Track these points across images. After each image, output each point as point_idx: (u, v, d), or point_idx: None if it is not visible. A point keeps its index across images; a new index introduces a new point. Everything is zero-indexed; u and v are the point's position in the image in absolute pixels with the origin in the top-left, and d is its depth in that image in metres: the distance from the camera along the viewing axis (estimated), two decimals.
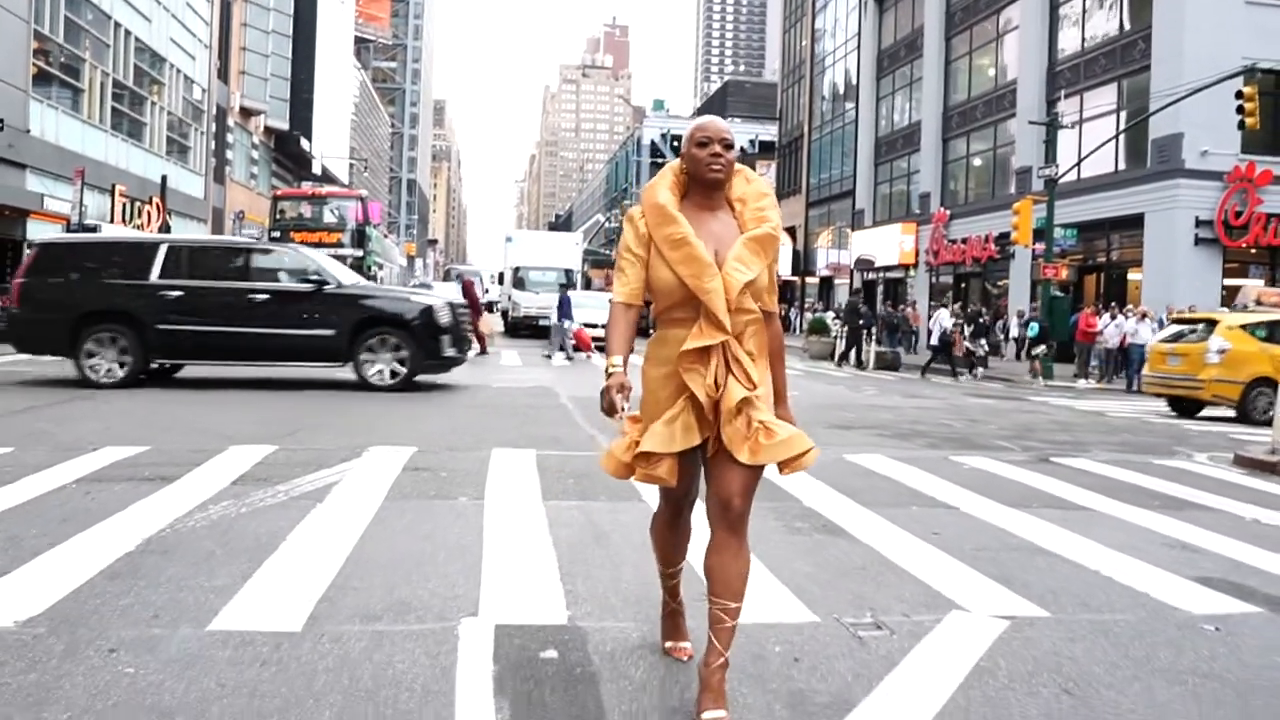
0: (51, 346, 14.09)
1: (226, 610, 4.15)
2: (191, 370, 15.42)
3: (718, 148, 3.26)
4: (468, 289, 24.77)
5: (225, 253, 14.75)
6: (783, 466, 3.22)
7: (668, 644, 3.78)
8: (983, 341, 26.97)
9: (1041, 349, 25.09)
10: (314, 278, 13.86)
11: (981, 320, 28.07)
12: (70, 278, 13.95)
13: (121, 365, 13.61)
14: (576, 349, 24.24)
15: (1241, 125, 21.60)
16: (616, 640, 3.94)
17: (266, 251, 15.19)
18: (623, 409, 3.17)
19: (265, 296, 13.71)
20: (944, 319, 26.11)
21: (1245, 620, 4.60)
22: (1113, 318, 25.19)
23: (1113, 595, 4.94)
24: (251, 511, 6.01)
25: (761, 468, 3.20)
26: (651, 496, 6.39)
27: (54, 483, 6.69)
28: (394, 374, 13.86)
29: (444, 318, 14.08)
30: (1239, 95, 21.27)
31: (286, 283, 13.89)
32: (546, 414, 11.97)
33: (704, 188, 3.30)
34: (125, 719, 3.10)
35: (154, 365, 14.32)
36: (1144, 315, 23.91)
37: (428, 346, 13.91)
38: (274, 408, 11.67)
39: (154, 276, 13.58)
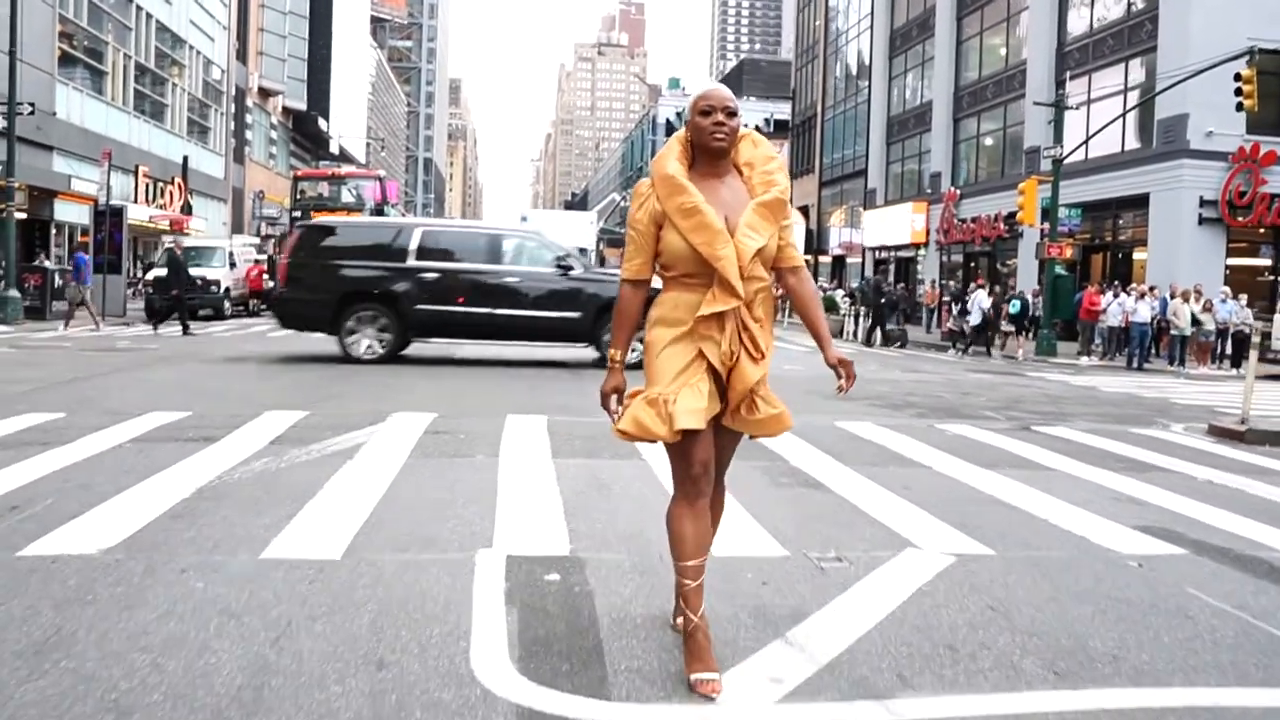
0: (316, 325, 14.89)
1: (275, 542, 4.82)
2: (225, 343, 16.11)
3: (720, 116, 3.31)
4: None
5: (477, 237, 15.50)
6: (753, 435, 3.49)
7: (693, 676, 3.26)
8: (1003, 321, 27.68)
9: (1011, 327, 26.20)
10: (561, 263, 14.70)
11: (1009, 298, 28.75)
12: (333, 260, 14.65)
13: (381, 343, 14.45)
14: None
15: (1240, 107, 21.99)
16: (610, 567, 4.59)
17: (516, 236, 15.87)
18: (616, 412, 3.36)
19: (516, 279, 14.52)
20: (983, 300, 26.58)
21: (1168, 559, 5.22)
22: (1115, 296, 25.64)
23: (1054, 538, 5.56)
24: (289, 466, 6.69)
25: (740, 436, 3.52)
26: (651, 455, 7.03)
27: (110, 442, 7.38)
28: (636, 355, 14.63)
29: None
30: (1237, 78, 21.66)
31: (535, 267, 14.66)
32: (558, 385, 12.63)
33: (710, 156, 3.35)
34: (201, 617, 3.76)
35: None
36: (1144, 294, 24.33)
37: None
38: (302, 379, 12.37)
39: (411, 259, 14.38)
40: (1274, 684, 3.56)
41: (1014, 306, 27.16)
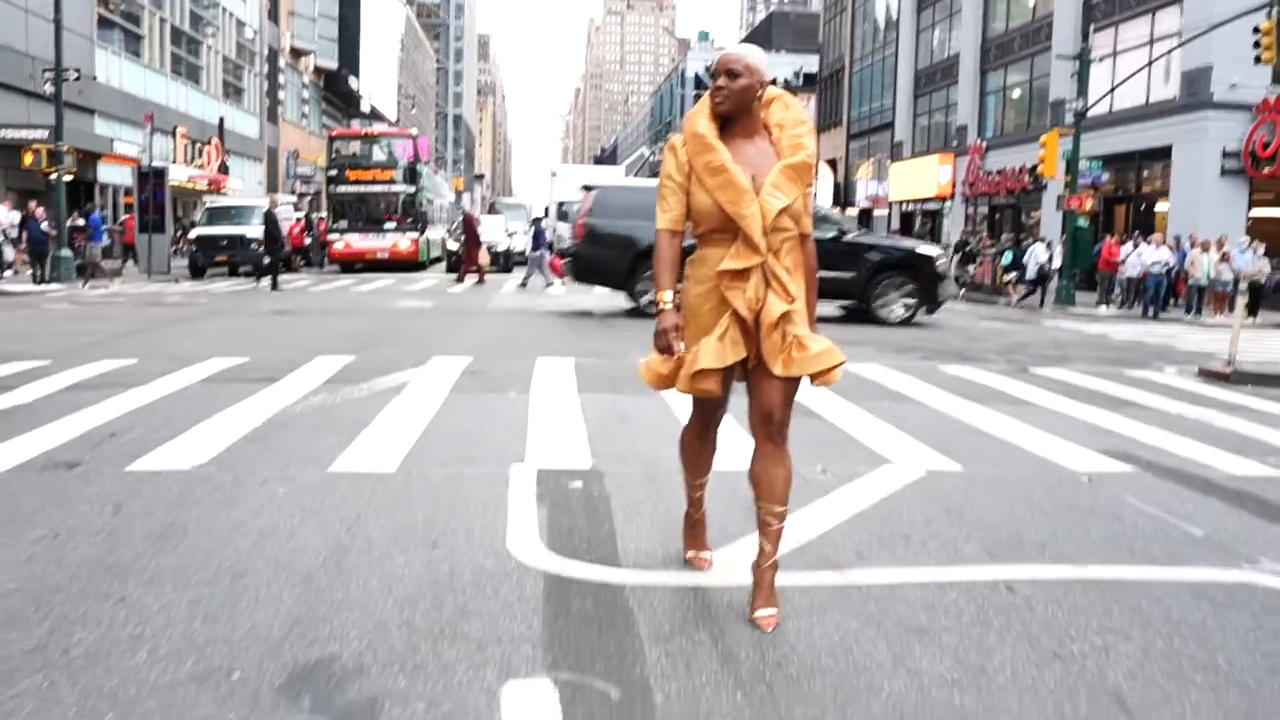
0: (609, 280, 16.18)
1: (338, 460, 5.63)
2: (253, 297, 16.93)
3: (721, 79, 3.40)
4: (469, 222, 26.48)
5: None
6: (814, 379, 3.40)
7: (689, 554, 3.99)
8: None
9: (1013, 275, 27.03)
10: (836, 227, 15.94)
11: (967, 247, 29.71)
12: (626, 220, 15.52)
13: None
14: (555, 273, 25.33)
15: (1258, 60, 22.22)
16: (626, 478, 5.36)
17: None
18: (678, 349, 3.41)
19: None
20: (1040, 253, 27.06)
21: (1117, 476, 5.92)
22: (1135, 247, 26.02)
23: (1020, 459, 6.29)
24: (344, 402, 7.51)
25: (797, 380, 3.43)
26: (670, 395, 7.77)
27: (181, 383, 8.23)
28: (904, 311, 15.92)
29: (942, 265, 16.48)
30: (1256, 30, 21.88)
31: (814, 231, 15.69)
32: (587, 331, 13.41)
33: (729, 116, 3.44)
34: (286, 513, 4.58)
35: None
36: (1160, 244, 24.72)
37: (929, 290, 16.13)
38: (347, 328, 13.21)
39: None
40: (1171, 564, 4.29)
41: (1005, 258, 27.94)
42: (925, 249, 16.88)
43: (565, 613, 3.47)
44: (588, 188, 17.12)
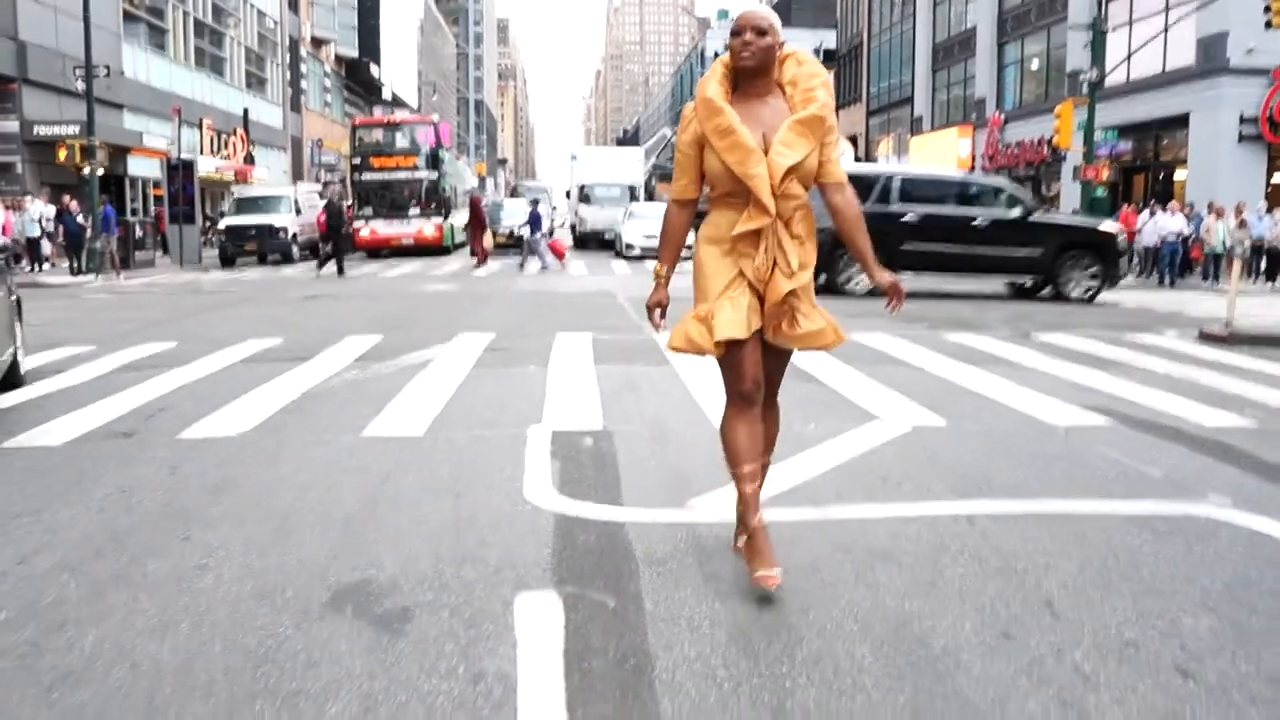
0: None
1: (370, 426, 6.14)
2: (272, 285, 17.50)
3: (749, 35, 3.38)
4: (474, 205, 27.02)
5: (949, 184, 17.77)
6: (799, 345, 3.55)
7: (756, 572, 3.46)
8: None
9: None
10: (1025, 206, 16.77)
11: None
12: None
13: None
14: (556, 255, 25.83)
15: (1269, 25, 22.34)
16: (633, 437, 5.85)
17: (981, 184, 18.21)
18: (660, 326, 3.58)
19: (984, 221, 16.46)
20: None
21: (1093, 429, 6.35)
22: (1151, 214, 26.19)
23: (1004, 415, 6.72)
24: (373, 376, 8.03)
25: (789, 353, 3.64)
26: (678, 362, 8.24)
27: (221, 364, 8.78)
28: (1087, 290, 16.63)
29: (1123, 243, 17.21)
30: None
31: (1000, 210, 16.69)
32: (605, 310, 13.88)
33: (748, 75, 3.44)
34: (325, 470, 5.09)
35: None
36: (1176, 212, 24.88)
37: (1111, 268, 16.86)
38: (374, 310, 13.75)
39: (894, 203, 16.34)
40: (1123, 499, 4.72)
41: None
42: (1107, 226, 17.65)
43: (572, 543, 3.96)
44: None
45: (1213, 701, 2.74)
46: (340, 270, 22.92)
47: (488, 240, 27.51)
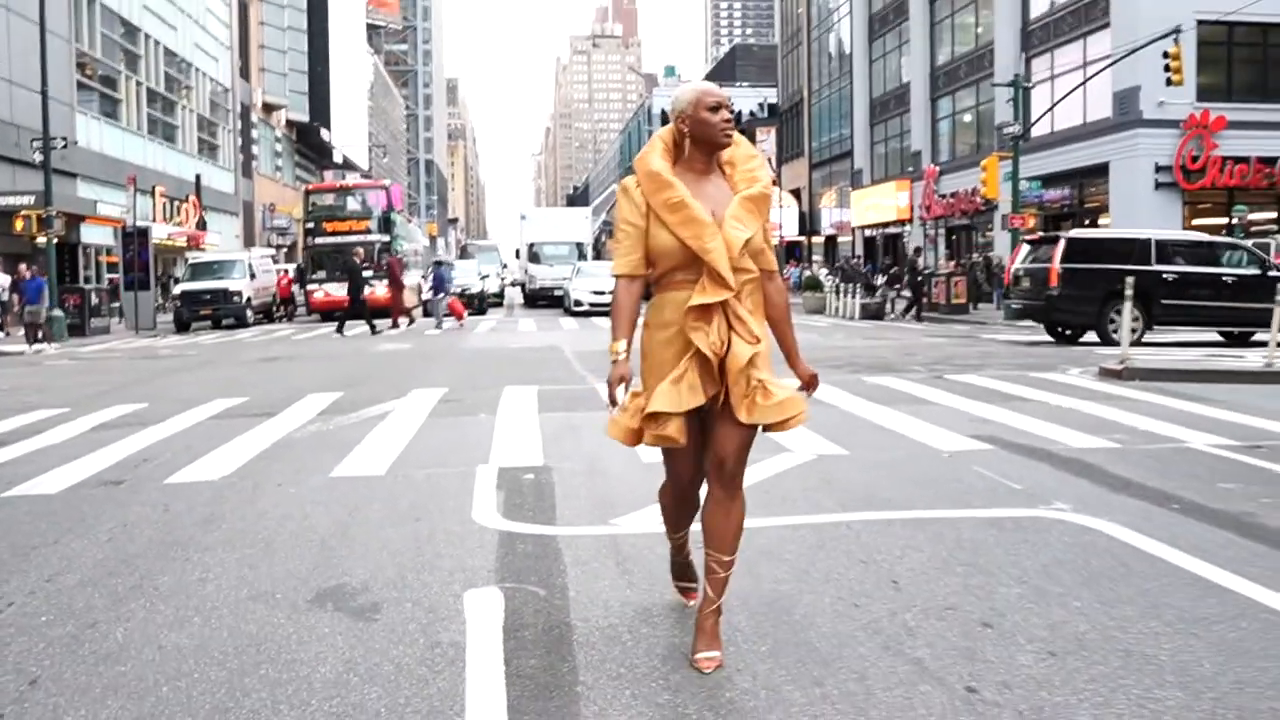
0: (1083, 319, 18.20)
1: (337, 468, 6.89)
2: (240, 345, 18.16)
3: (728, 113, 3.40)
4: (391, 267, 28.09)
5: (1199, 245, 18.78)
6: (772, 427, 3.37)
7: (678, 585, 3.99)
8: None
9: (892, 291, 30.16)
10: (1260, 265, 17.84)
11: (893, 270, 31.59)
12: (1095, 265, 17.64)
13: (1133, 331, 16.45)
14: (448, 316, 27.21)
15: (1169, 83, 23.88)
16: (570, 473, 6.65)
17: (1228, 244, 19.41)
18: (623, 403, 3.44)
19: (1231, 278, 17.62)
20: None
21: (975, 452, 7.24)
22: None
23: (900, 443, 7.60)
24: (336, 428, 8.78)
25: (756, 427, 3.38)
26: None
27: (192, 420, 9.48)
28: None
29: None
30: (1166, 55, 23.54)
31: (1242, 269, 17.81)
32: (551, 364, 14.71)
33: (705, 152, 3.41)
34: (300, 504, 5.84)
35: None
36: None
37: None
38: (331, 370, 14.47)
39: (1154, 263, 17.35)
40: (982, 507, 5.59)
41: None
42: None
43: (512, 552, 4.76)
44: (1069, 239, 18.52)
45: (1002, 641, 3.57)
46: (373, 329, 24.18)
47: (409, 299, 28.42)
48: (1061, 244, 18.20)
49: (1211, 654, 3.44)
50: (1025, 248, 20.32)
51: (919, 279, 29.98)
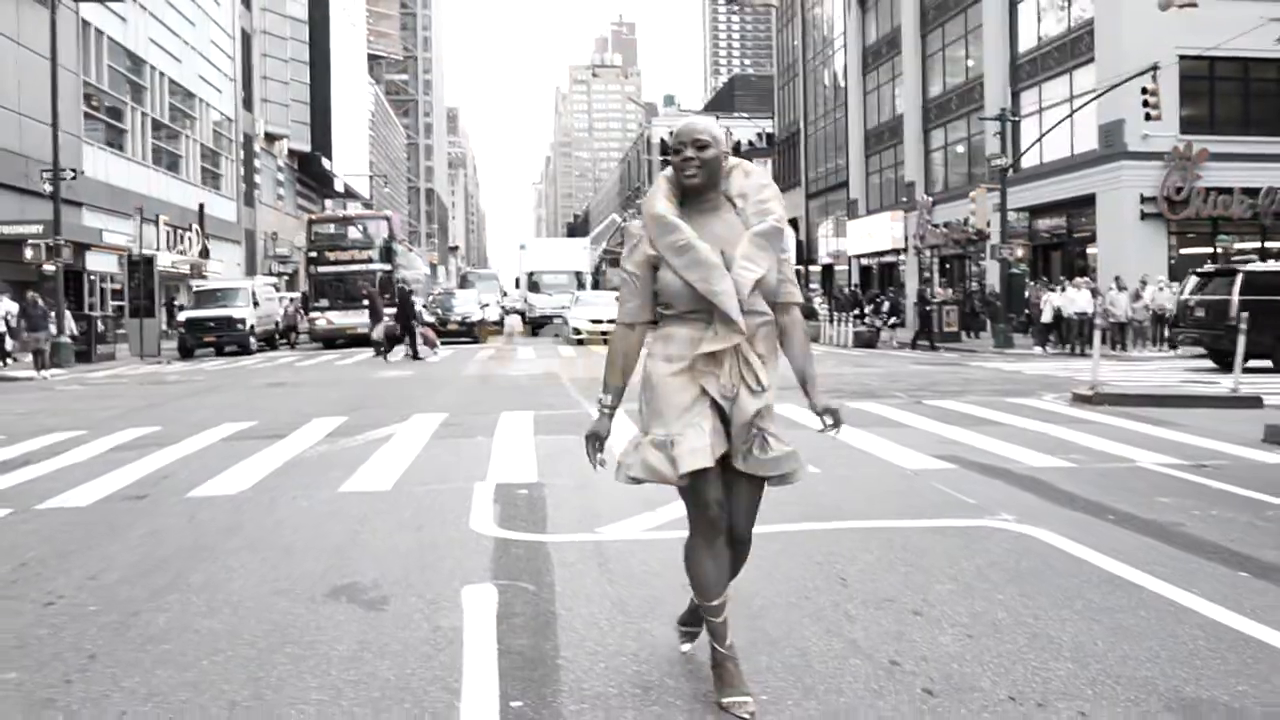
0: (1260, 349, 18.44)
1: (345, 484, 7.45)
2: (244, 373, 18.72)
3: (690, 151, 3.25)
4: (371, 298, 28.62)
5: None
6: (767, 481, 3.36)
7: (725, 699, 3.31)
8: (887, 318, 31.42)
9: (893, 319, 30.72)
10: None
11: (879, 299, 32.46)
12: (1273, 298, 18.52)
13: None
14: (425, 343, 27.47)
15: (1148, 117, 24.57)
16: (562, 488, 7.20)
17: None
18: (598, 465, 3.48)
19: None
20: (1054, 299, 28.34)
21: (938, 471, 7.79)
22: (1062, 290, 28.10)
23: (870, 464, 8.15)
24: (342, 449, 9.33)
25: (761, 486, 3.38)
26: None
27: (205, 442, 10.03)
28: None
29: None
30: (1144, 91, 24.24)
31: None
32: (549, 391, 15.27)
33: (693, 190, 3.29)
34: (312, 516, 6.39)
35: None
36: (1082, 286, 26.85)
37: None
38: (335, 395, 15.03)
39: None
40: (934, 517, 6.13)
41: (885, 306, 30.74)
42: None
43: (506, 555, 5.31)
44: (1202, 274, 19.40)
45: (928, 626, 4.12)
46: (415, 355, 24.67)
47: (377, 333, 28.79)
48: (1239, 278, 19.01)
49: (1107, 636, 3.99)
50: (1192, 279, 20.90)
51: (928, 308, 30.16)
